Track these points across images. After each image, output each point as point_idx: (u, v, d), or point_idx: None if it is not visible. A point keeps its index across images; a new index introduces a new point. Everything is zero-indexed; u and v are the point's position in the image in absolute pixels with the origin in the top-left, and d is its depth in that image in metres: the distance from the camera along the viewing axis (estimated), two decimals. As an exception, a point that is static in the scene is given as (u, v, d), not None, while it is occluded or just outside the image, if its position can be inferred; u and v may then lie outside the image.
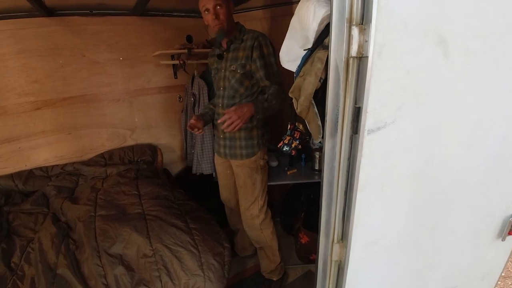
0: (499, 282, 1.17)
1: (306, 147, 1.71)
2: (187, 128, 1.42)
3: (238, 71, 1.32)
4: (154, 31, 2.10)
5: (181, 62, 2.02)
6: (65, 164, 1.94)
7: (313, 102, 0.73)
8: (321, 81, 0.71)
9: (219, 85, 1.43)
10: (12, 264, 1.24)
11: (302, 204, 2.01)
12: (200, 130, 1.41)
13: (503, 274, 1.15)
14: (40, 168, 1.89)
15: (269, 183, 1.55)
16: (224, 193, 1.67)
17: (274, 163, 1.74)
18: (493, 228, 0.96)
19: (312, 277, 1.74)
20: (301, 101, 0.73)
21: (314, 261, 1.74)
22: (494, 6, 0.67)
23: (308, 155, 1.72)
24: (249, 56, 1.30)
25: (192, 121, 1.40)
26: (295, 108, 0.77)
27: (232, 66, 1.34)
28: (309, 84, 0.70)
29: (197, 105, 2.03)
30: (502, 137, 0.82)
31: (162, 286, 1.10)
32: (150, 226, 1.29)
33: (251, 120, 1.25)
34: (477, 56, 0.70)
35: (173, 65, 2.20)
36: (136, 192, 1.58)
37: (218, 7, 1.25)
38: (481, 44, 0.70)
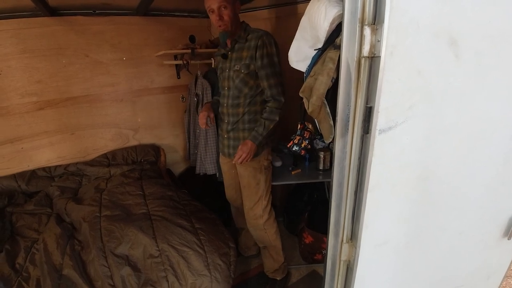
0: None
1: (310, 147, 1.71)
2: (200, 117, 1.45)
3: (242, 71, 1.31)
4: (157, 31, 2.10)
5: (185, 62, 2.02)
6: (68, 165, 1.94)
7: (325, 102, 0.73)
8: (333, 81, 0.71)
9: (223, 85, 1.43)
10: (17, 265, 1.23)
11: (305, 204, 2.01)
12: (206, 125, 1.44)
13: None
14: (43, 169, 1.88)
15: (273, 183, 1.55)
16: (230, 192, 1.67)
17: (278, 163, 1.74)
18: (500, 227, 0.96)
19: (317, 277, 1.75)
20: (313, 101, 0.73)
21: (318, 261, 1.76)
22: (503, 8, 0.68)
23: (312, 155, 1.72)
24: (253, 56, 1.29)
25: (211, 115, 1.46)
26: (306, 108, 0.77)
27: (236, 66, 1.34)
28: (321, 84, 0.71)
29: (200, 105, 2.03)
30: (509, 137, 0.83)
31: (168, 286, 1.10)
32: (155, 226, 1.29)
33: (257, 146, 1.33)
34: (486, 56, 0.71)
35: (176, 65, 2.20)
36: (140, 192, 1.58)
37: (223, 8, 1.24)
38: (490, 45, 0.70)
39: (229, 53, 1.38)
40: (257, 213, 1.49)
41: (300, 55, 0.88)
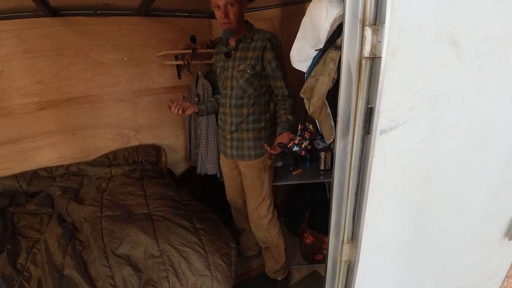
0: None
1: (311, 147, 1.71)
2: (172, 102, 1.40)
3: (248, 71, 1.29)
4: (158, 32, 2.10)
5: (186, 62, 2.02)
6: (70, 165, 1.94)
7: (326, 102, 0.73)
8: (334, 81, 0.71)
9: (225, 85, 1.39)
10: (18, 265, 1.24)
11: (306, 204, 2.01)
12: (179, 111, 1.39)
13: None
14: (45, 169, 1.89)
15: (274, 184, 1.55)
16: (231, 194, 1.67)
17: (279, 164, 1.74)
18: (501, 228, 0.96)
19: (318, 277, 1.74)
20: (314, 102, 0.73)
21: (319, 262, 1.75)
22: (505, 8, 0.67)
23: (313, 155, 1.72)
24: (259, 57, 1.28)
25: (189, 110, 1.44)
26: (307, 108, 0.77)
27: (240, 66, 1.31)
28: (322, 85, 0.70)
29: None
30: (511, 138, 0.82)
31: (169, 286, 1.10)
32: (157, 226, 1.29)
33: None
34: (488, 57, 0.70)
35: (177, 65, 2.20)
36: (142, 193, 1.58)
37: (229, 5, 1.20)
38: (492, 46, 0.70)
39: (233, 52, 1.35)
40: (262, 213, 1.49)
41: (302, 55, 0.88)
